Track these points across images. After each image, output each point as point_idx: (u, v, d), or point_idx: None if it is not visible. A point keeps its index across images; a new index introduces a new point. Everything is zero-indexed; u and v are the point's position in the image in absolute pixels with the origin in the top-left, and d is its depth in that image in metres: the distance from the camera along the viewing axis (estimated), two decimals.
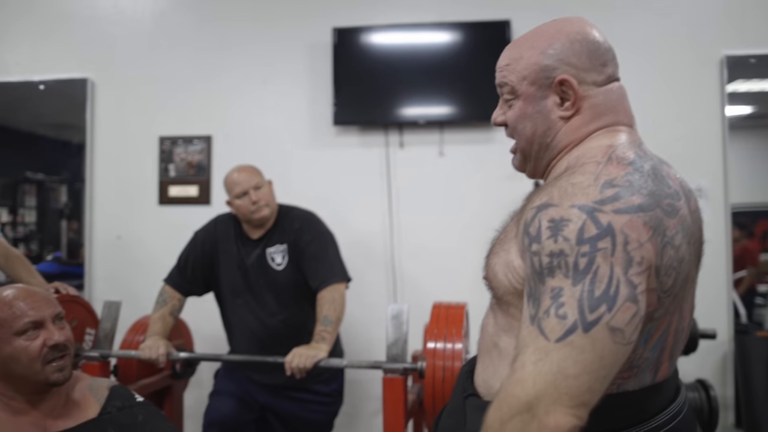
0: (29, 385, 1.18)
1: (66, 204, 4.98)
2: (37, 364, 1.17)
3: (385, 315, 2.78)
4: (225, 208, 2.39)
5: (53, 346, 1.19)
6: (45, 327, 1.20)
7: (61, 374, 1.19)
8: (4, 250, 2.40)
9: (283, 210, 2.26)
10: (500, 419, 0.74)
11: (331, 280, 2.09)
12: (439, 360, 1.70)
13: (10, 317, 1.18)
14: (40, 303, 1.23)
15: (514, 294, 0.88)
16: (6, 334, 1.17)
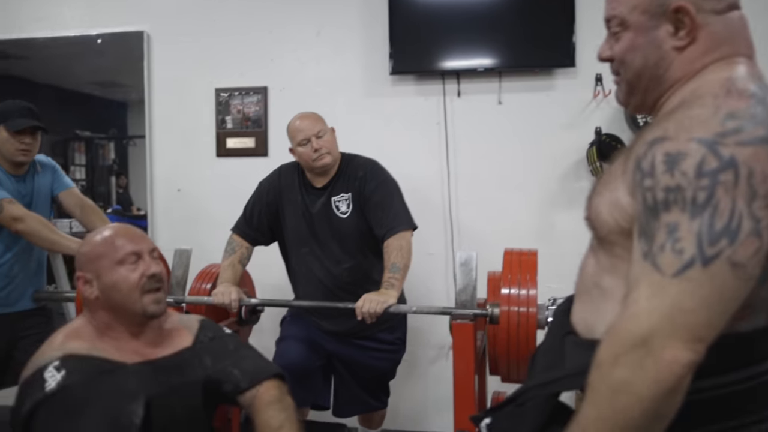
0: (129, 315, 1.23)
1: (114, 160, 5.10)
2: (135, 293, 1.22)
3: (454, 262, 2.85)
4: (282, 160, 2.40)
5: (151, 276, 1.24)
6: (143, 258, 1.26)
7: (157, 306, 1.25)
8: (79, 200, 2.49)
9: (346, 158, 2.25)
10: (614, 354, 0.74)
11: (398, 227, 2.09)
12: (514, 305, 1.70)
13: (112, 249, 1.24)
14: (138, 237, 1.29)
15: (620, 233, 0.86)
16: (108, 264, 1.23)
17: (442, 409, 2.93)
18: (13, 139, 2.24)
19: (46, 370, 1.11)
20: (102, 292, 1.23)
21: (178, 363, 1.27)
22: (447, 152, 2.90)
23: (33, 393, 1.08)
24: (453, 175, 2.91)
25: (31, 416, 1.06)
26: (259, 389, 1.30)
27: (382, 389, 2.43)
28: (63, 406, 1.06)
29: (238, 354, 1.36)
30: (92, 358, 1.15)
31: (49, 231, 2.20)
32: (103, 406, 1.07)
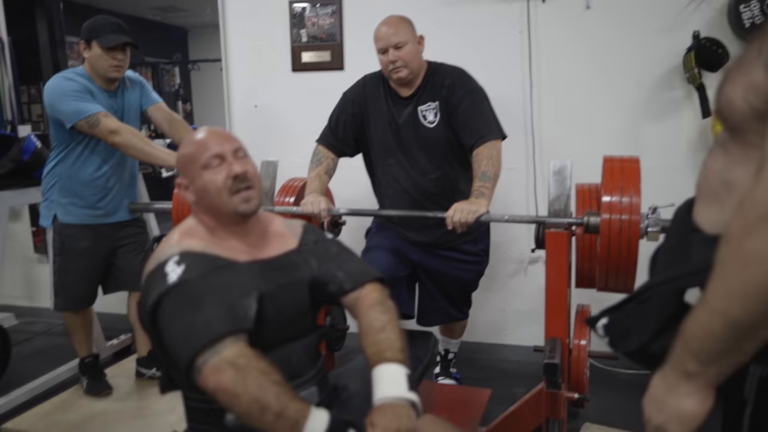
0: (225, 216, 1.25)
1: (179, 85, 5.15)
2: (224, 194, 1.23)
3: (535, 176, 2.79)
4: (358, 74, 2.35)
5: (235, 177, 1.24)
6: (226, 160, 1.25)
7: (247, 205, 1.25)
8: (167, 115, 2.53)
9: (432, 67, 2.18)
10: (745, 225, 0.69)
11: (488, 136, 2.04)
12: (616, 213, 1.65)
13: (196, 153, 1.26)
14: (220, 138, 1.28)
15: (754, 118, 0.80)
16: (196, 169, 1.25)
17: (520, 323, 2.96)
18: (106, 56, 2.27)
19: (166, 264, 1.16)
20: (197, 196, 1.27)
21: (286, 263, 1.30)
22: (530, 61, 2.77)
23: (157, 285, 1.14)
24: (536, 86, 2.79)
25: (157, 306, 1.12)
26: (362, 291, 1.33)
27: (465, 300, 2.45)
28: (184, 296, 1.11)
29: (341, 257, 1.38)
30: (207, 255, 1.20)
31: (143, 143, 2.26)
32: (220, 298, 1.11)
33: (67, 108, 2.21)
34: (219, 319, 1.08)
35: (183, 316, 1.09)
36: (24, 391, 2.63)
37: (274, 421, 1.02)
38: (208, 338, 1.05)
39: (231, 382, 1.02)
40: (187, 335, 1.07)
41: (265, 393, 1.02)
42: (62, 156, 2.34)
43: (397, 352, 1.19)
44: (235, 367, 1.03)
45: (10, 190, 2.50)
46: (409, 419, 1.08)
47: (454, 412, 2.19)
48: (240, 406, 1.02)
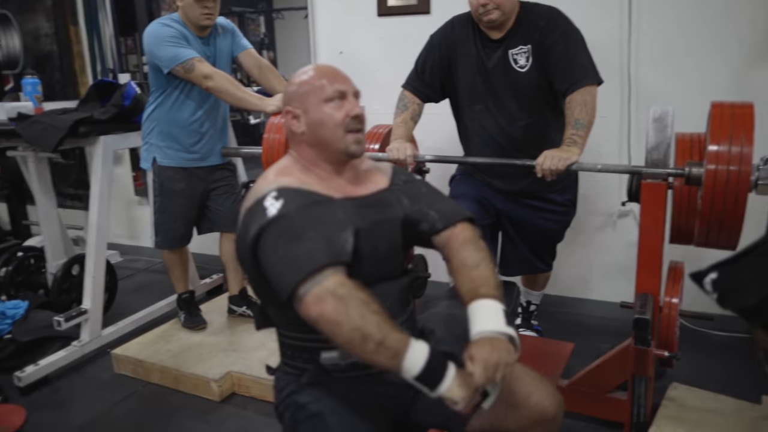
0: (332, 152, 1.27)
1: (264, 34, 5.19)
2: (339, 131, 1.24)
3: (629, 125, 2.65)
4: (445, 18, 2.27)
5: (354, 116, 1.25)
6: (347, 99, 1.27)
7: (358, 147, 1.27)
8: (257, 61, 2.57)
9: (526, 7, 2.07)
10: None
11: (583, 81, 1.93)
12: (723, 164, 1.53)
13: (320, 86, 1.26)
14: (343, 77, 1.29)
15: None
16: (316, 101, 1.25)
17: (606, 278, 2.87)
18: (197, 4, 2.32)
19: (265, 200, 1.17)
20: (308, 128, 1.26)
21: (379, 201, 1.31)
22: (630, 4, 2.58)
23: (257, 220, 1.15)
24: (635, 28, 2.60)
25: (257, 239, 1.13)
26: (454, 230, 1.31)
27: (549, 251, 2.40)
28: (284, 229, 1.12)
29: (432, 197, 1.37)
30: (303, 191, 1.21)
31: (235, 87, 2.31)
32: (319, 231, 1.12)
33: (164, 53, 2.29)
34: (319, 251, 1.09)
35: (284, 247, 1.10)
36: (129, 321, 2.85)
37: (375, 350, 1.02)
38: (310, 268, 1.06)
39: (333, 311, 1.02)
40: (288, 266, 1.08)
41: (366, 322, 1.02)
42: (160, 101, 2.45)
43: (492, 289, 1.18)
44: (337, 297, 1.03)
45: (114, 135, 2.64)
46: (508, 353, 1.07)
47: (535, 363, 2.17)
48: (342, 335, 1.02)
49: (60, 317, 2.50)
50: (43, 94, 2.93)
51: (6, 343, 2.55)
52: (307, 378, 1.24)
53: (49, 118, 2.55)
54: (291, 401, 1.24)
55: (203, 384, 2.28)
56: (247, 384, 2.27)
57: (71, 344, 2.58)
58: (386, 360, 1.03)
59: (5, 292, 2.95)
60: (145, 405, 2.29)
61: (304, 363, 1.26)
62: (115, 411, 2.24)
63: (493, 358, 1.05)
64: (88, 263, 2.63)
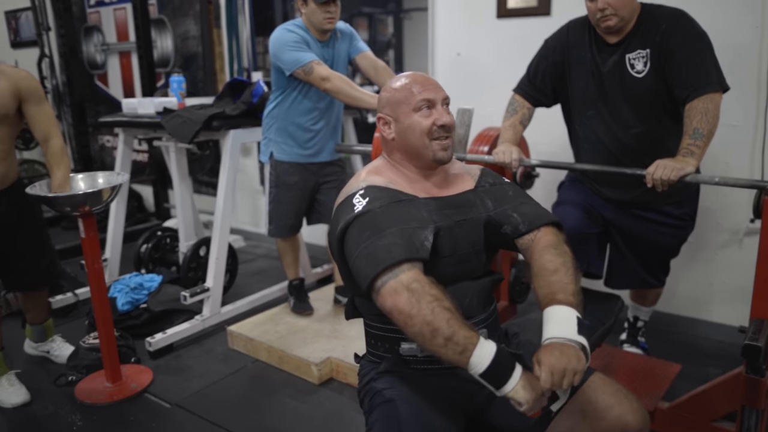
0: (420, 157, 1.33)
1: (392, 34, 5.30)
2: (426, 139, 1.30)
3: (765, 135, 2.44)
4: (565, 20, 2.22)
5: (441, 126, 1.31)
6: (435, 107, 1.33)
7: (445, 153, 1.32)
8: (373, 62, 2.69)
9: (647, 9, 1.98)
10: None
11: (706, 88, 1.82)
12: None
13: (410, 95, 1.32)
14: (434, 86, 1.35)
15: None
16: (405, 110, 1.32)
17: (727, 299, 2.67)
18: (319, 10, 2.47)
19: (354, 197, 1.25)
20: (398, 134, 1.33)
21: (462, 201, 1.35)
22: (765, 6, 2.37)
23: (345, 215, 1.23)
24: None
25: (344, 233, 1.22)
26: (537, 234, 1.32)
27: (661, 266, 2.27)
28: (367, 224, 1.19)
29: (517, 200, 1.39)
30: (389, 189, 1.28)
31: (351, 88, 2.43)
32: (399, 228, 1.18)
33: (287, 57, 2.46)
34: (398, 246, 1.15)
35: (366, 241, 1.17)
36: (246, 302, 3.09)
37: (444, 345, 1.06)
38: (388, 262, 1.12)
39: (406, 304, 1.08)
40: (368, 259, 1.15)
41: (437, 317, 1.06)
42: (280, 99, 2.63)
43: (569, 295, 1.17)
44: (410, 291, 1.09)
45: (242, 129, 2.87)
46: (577, 361, 1.07)
47: (636, 381, 2.08)
48: (413, 327, 1.07)
49: (186, 292, 2.78)
50: (187, 90, 3.25)
51: (142, 312, 2.88)
52: (385, 366, 1.30)
53: (188, 113, 2.83)
54: (370, 387, 1.31)
55: (305, 366, 2.42)
56: (345, 371, 2.39)
57: (194, 318, 2.85)
58: (454, 355, 1.06)
59: (145, 266, 3.32)
60: (252, 380, 2.48)
61: (384, 352, 1.33)
62: (226, 382, 2.45)
63: (560, 364, 1.05)
64: (212, 246, 2.89)
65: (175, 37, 4.62)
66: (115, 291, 2.87)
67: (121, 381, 2.38)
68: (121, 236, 3.31)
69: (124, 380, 2.39)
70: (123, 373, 2.41)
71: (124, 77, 5.07)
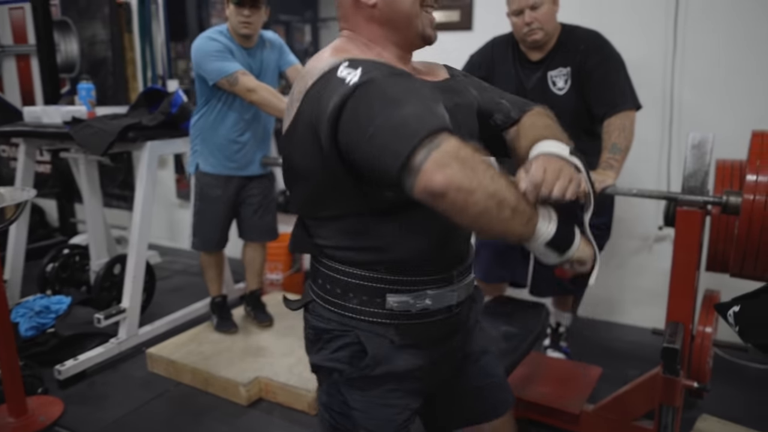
0: (405, 34, 1.09)
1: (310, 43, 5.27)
2: (417, 6, 1.07)
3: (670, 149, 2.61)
4: (487, 35, 2.29)
5: None
6: None
7: (433, 31, 1.12)
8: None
9: (566, 29, 2.08)
10: None
11: (623, 105, 1.93)
12: (761, 195, 1.51)
13: None
14: None
15: None
16: None
17: (639, 303, 2.83)
18: (236, 12, 2.41)
19: (337, 70, 0.95)
20: (383, 2, 1.07)
21: (452, 87, 1.16)
22: (676, 20, 2.55)
23: (334, 91, 0.93)
24: (680, 48, 2.57)
25: (339, 111, 0.91)
26: None
27: None
28: (376, 95, 0.91)
29: (498, 90, 1.25)
30: (379, 62, 0.99)
31: (277, 100, 2.38)
32: (417, 98, 0.92)
33: (210, 67, 2.37)
34: (428, 114, 0.89)
35: (382, 114, 0.89)
36: (165, 322, 2.94)
37: (511, 217, 0.88)
38: (424, 132, 0.85)
39: (462, 176, 0.84)
40: (396, 132, 0.87)
41: (499, 185, 0.87)
42: (205, 110, 2.54)
43: (561, 135, 1.05)
44: (461, 161, 0.85)
45: (160, 140, 2.74)
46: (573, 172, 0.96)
47: (562, 385, 2.16)
48: (476, 204, 0.85)
49: (100, 315, 2.60)
50: (96, 98, 3.06)
51: (49, 337, 2.67)
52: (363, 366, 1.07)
53: (101, 123, 2.67)
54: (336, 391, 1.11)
55: (232, 387, 2.33)
56: (274, 390, 2.32)
57: (109, 341, 2.68)
58: (521, 227, 0.90)
59: (51, 287, 3.08)
60: (175, 405, 2.35)
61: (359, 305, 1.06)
62: (147, 409, 2.31)
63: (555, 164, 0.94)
64: (129, 264, 2.73)
65: (82, 41, 4.36)
66: (17, 315, 2.64)
67: (27, 415, 2.18)
68: (22, 254, 3.07)
69: (30, 414, 2.20)
70: (29, 406, 2.21)
71: (23, 83, 4.73)
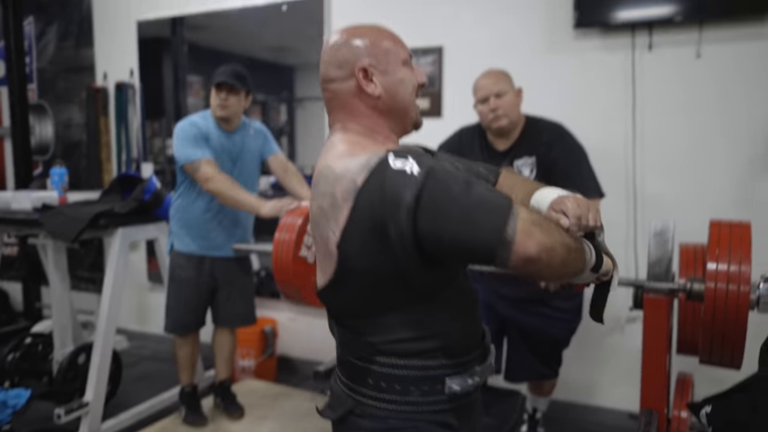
0: (403, 122, 1.13)
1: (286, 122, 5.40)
2: (413, 96, 1.13)
3: (635, 234, 2.68)
4: (456, 121, 2.38)
5: (421, 84, 1.15)
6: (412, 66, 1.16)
7: (420, 117, 1.17)
8: (283, 164, 2.72)
9: (530, 121, 2.18)
10: None
11: (587, 195, 1.96)
12: (722, 282, 1.54)
13: (398, 46, 1.12)
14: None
15: None
16: (395, 61, 1.10)
17: (616, 384, 2.81)
18: (214, 94, 2.48)
19: (388, 163, 0.94)
20: (386, 91, 1.08)
21: None
22: (634, 113, 2.69)
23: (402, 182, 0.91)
24: (639, 138, 2.69)
25: (417, 201, 0.91)
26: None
27: (555, 358, 2.37)
28: (448, 178, 0.92)
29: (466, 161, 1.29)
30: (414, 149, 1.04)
31: (231, 189, 2.41)
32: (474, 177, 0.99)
33: (180, 151, 2.46)
34: (492, 189, 0.95)
35: (463, 194, 0.91)
36: (130, 414, 2.82)
37: (576, 257, 0.97)
38: (506, 204, 0.91)
39: (546, 238, 0.90)
40: (484, 208, 0.90)
41: (562, 234, 0.96)
42: (182, 190, 2.61)
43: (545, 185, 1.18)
44: (537, 224, 0.91)
45: (132, 226, 2.72)
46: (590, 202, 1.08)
47: None
48: (557, 257, 0.92)
49: (60, 410, 2.48)
50: (69, 180, 3.06)
51: None
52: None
53: (72, 210, 2.65)
54: None
55: None
56: None
57: None
58: (581, 263, 0.99)
59: (10, 378, 2.95)
60: None
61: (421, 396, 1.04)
62: None
63: (579, 200, 1.09)
64: (94, 356, 2.63)
65: (57, 124, 4.40)
66: None
67: None
68: None
69: None
70: None
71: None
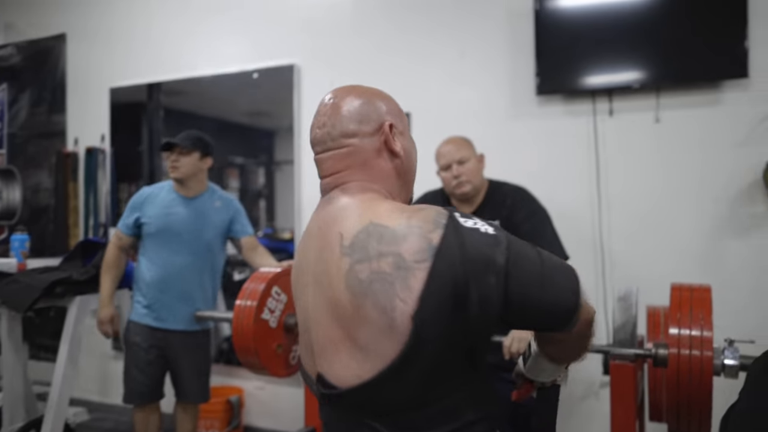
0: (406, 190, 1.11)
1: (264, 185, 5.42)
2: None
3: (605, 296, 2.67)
4: (423, 186, 2.38)
5: None
6: None
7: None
8: (254, 245, 2.70)
9: (494, 185, 2.19)
10: None
11: None
12: (685, 348, 1.52)
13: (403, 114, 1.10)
14: None
15: None
16: (406, 124, 1.10)
17: None
18: (165, 156, 2.52)
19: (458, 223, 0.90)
20: (404, 152, 1.06)
21: None
22: (598, 177, 2.73)
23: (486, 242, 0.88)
24: (604, 202, 2.72)
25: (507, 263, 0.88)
26: None
27: None
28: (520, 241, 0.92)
29: None
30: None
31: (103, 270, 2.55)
32: None
33: None
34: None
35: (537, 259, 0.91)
36: None
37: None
38: (573, 268, 0.94)
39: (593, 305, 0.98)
40: (561, 272, 0.92)
41: None
42: (138, 257, 2.61)
43: None
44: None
45: (91, 294, 2.63)
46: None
47: None
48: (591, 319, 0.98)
49: None
50: (35, 245, 3.00)
51: None
52: None
53: (29, 277, 2.57)
54: None
55: None
56: None
57: None
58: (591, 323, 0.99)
59: None
60: None
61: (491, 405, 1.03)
62: None
63: None
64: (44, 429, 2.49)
65: (25, 189, 4.34)
66: None
67: None
68: None
69: None
70: None
71: None
